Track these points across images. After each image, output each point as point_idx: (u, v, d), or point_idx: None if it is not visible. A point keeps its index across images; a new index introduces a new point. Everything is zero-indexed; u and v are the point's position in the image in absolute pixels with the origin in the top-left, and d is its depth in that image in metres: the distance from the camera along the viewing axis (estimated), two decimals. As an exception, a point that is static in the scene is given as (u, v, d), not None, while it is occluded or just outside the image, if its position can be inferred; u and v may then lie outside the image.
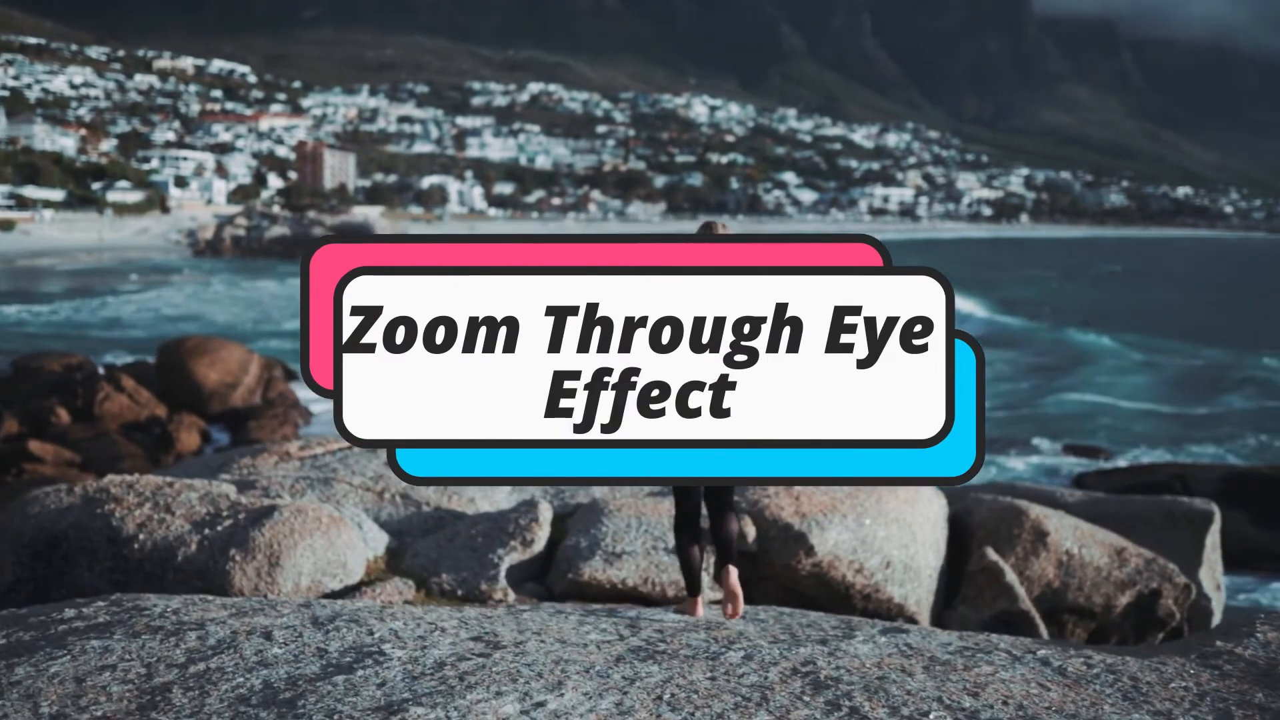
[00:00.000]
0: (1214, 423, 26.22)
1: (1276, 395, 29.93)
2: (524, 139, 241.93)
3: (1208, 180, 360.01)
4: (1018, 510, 8.59)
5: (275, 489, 7.55)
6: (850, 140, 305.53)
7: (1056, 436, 24.73)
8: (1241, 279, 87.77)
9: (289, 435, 24.48)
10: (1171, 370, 33.67)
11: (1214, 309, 55.74)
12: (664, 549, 6.73)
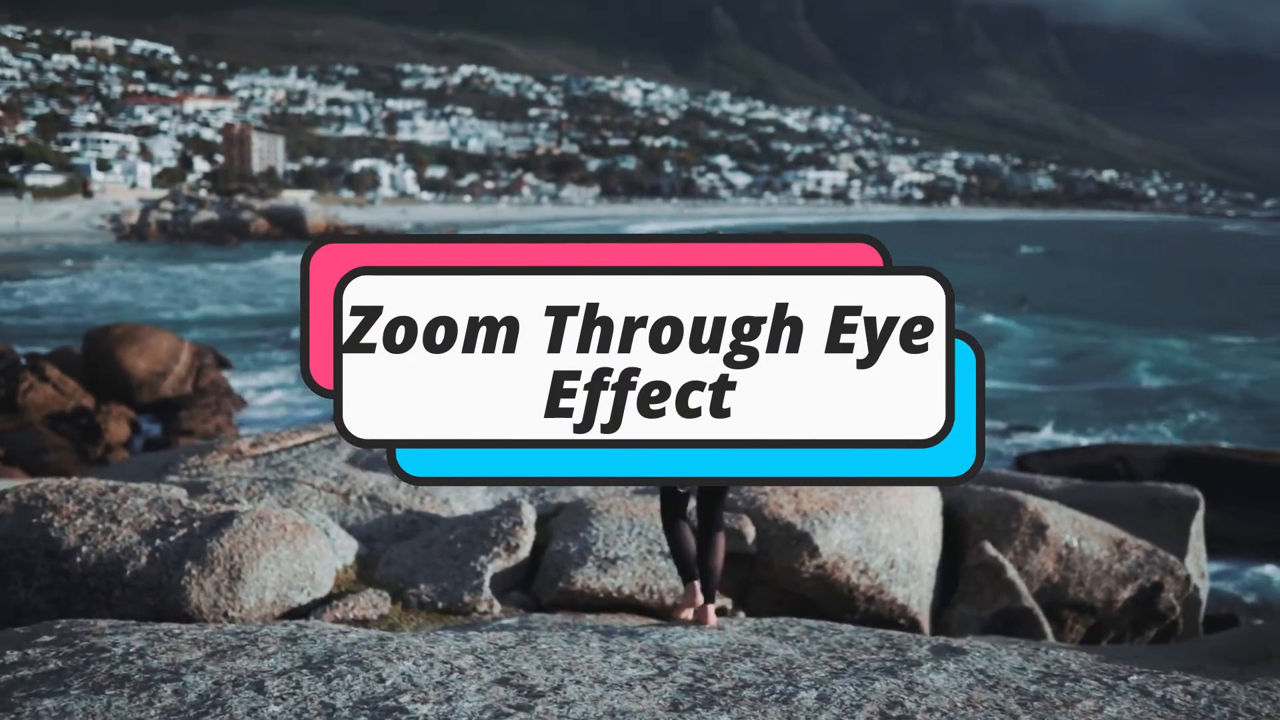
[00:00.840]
0: (1116, 402, 26.14)
1: (1179, 375, 30.02)
2: (456, 122, 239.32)
3: (1131, 164, 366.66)
4: (1014, 502, 8.21)
5: (230, 492, 6.93)
6: (783, 124, 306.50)
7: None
8: (1158, 261, 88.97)
9: (222, 425, 23.67)
10: (1071, 349, 33.61)
11: (1128, 291, 56.26)
12: (660, 553, 6.24)
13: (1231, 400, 26.29)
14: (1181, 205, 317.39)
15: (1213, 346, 34.69)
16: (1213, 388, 27.83)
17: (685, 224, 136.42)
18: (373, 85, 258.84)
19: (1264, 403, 26.30)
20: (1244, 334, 37.86)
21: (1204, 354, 33.42)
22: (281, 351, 31.23)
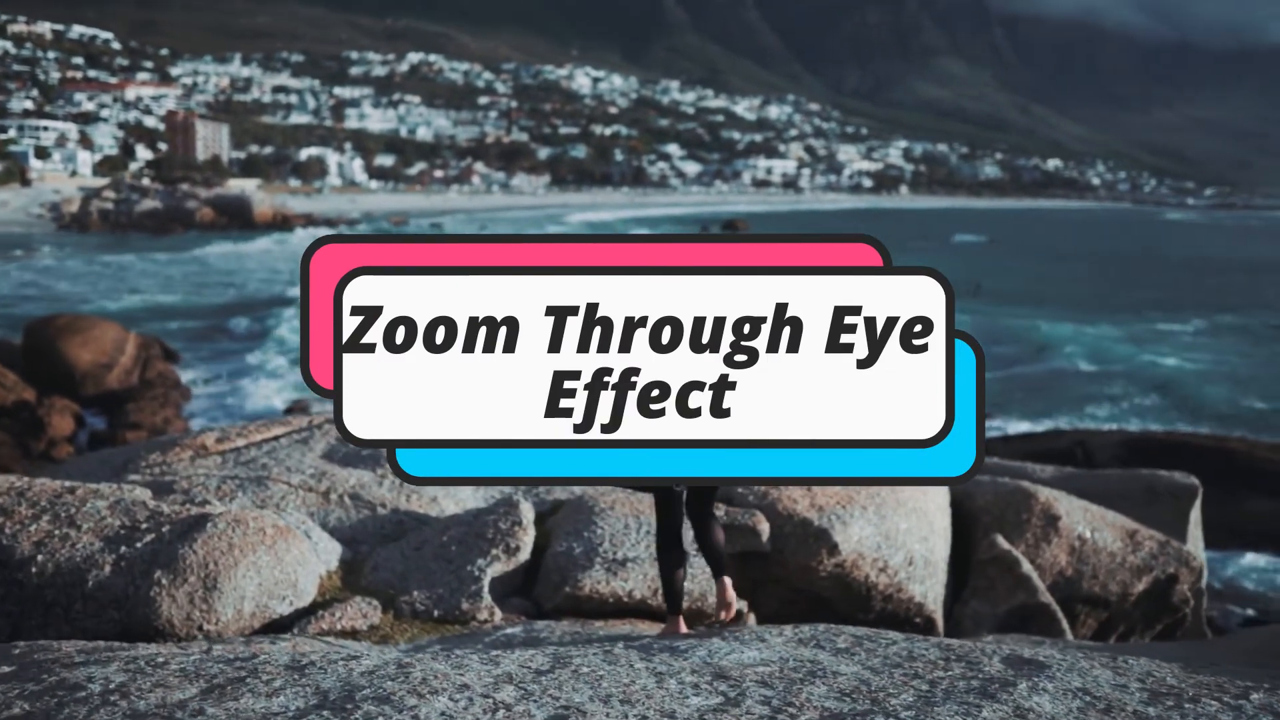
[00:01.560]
0: (1047, 387, 25.97)
1: (1108, 360, 29.96)
2: (404, 110, 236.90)
3: (1076, 153, 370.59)
4: (1025, 493, 7.85)
5: (199, 492, 6.39)
6: (733, 112, 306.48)
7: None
8: (1100, 248, 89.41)
9: (170, 418, 22.90)
10: (1003, 334, 33.49)
11: (1064, 278, 56.41)
12: (671, 553, 5.79)
13: (1158, 384, 26.26)
14: (1125, 194, 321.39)
15: (1144, 331, 34.73)
16: (1143, 371, 27.78)
17: (636, 212, 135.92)
18: (319, 73, 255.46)
19: (1183, 385, 26.31)
20: (1176, 319, 38.02)
21: (1135, 339, 33.47)
22: (231, 342, 30.39)
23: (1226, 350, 32.13)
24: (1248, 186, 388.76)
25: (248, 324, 31.74)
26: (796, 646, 3.94)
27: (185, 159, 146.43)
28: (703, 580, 5.74)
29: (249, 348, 28.16)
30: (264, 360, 26.46)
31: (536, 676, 3.14)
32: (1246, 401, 24.67)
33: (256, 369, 25.27)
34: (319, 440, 7.65)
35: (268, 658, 3.22)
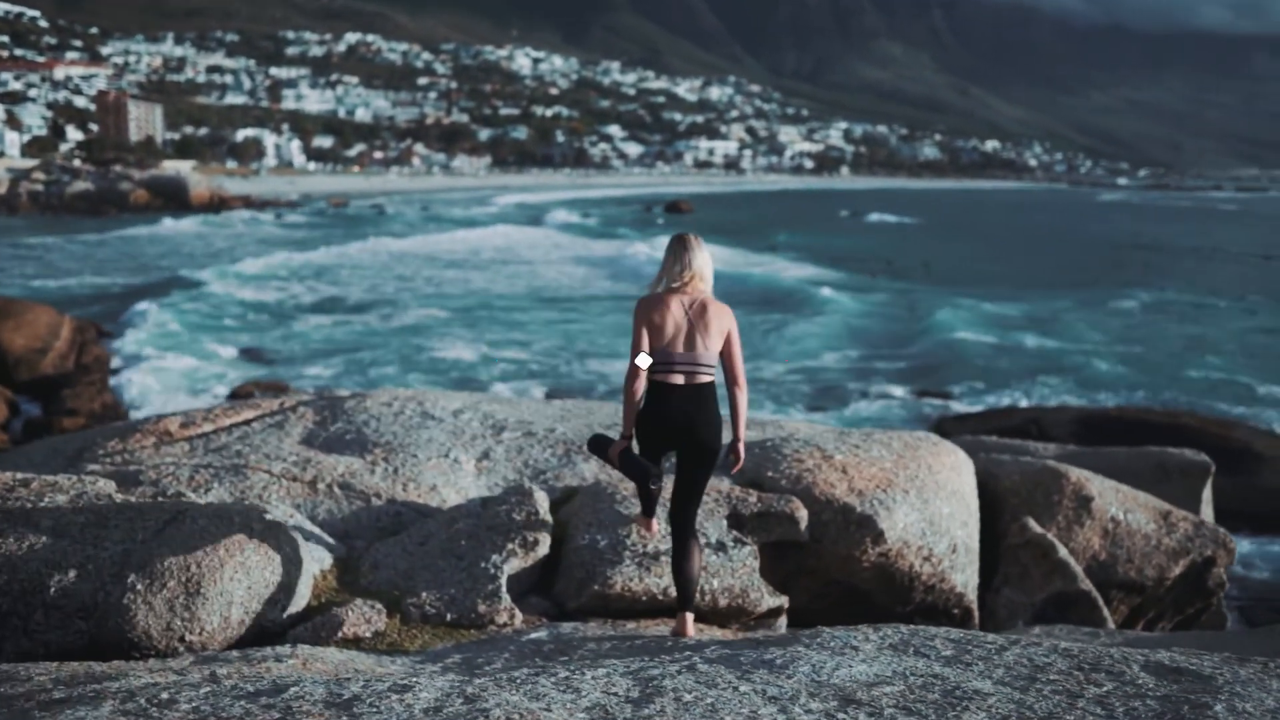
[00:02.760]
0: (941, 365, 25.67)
1: (985, 336, 29.77)
2: (342, 91, 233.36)
3: (1013, 135, 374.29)
4: (1056, 473, 7.36)
5: (169, 483, 5.71)
6: (674, 94, 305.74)
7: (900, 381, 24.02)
8: (1024, 228, 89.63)
9: (109, 403, 21.94)
10: (905, 314, 33.22)
11: (983, 256, 56.39)
12: (706, 543, 5.23)
13: (1048, 361, 26.12)
14: (1061, 175, 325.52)
15: (1044, 309, 34.61)
16: (1025, 348, 27.53)
17: (578, 193, 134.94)
18: (255, 53, 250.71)
19: (1068, 361, 26.22)
20: (1082, 296, 38.04)
21: (1033, 316, 33.36)
22: (171, 322, 29.26)
23: (1134, 326, 32.17)
24: (1179, 167, 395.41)
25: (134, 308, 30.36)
26: (899, 656, 3.40)
27: (117, 140, 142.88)
28: (744, 575, 5.18)
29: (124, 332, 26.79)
30: (138, 349, 25.17)
31: (636, 710, 2.56)
32: (1142, 377, 24.60)
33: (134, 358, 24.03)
34: (295, 424, 6.98)
35: (299, 692, 2.60)
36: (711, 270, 4.70)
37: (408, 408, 7.27)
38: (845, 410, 21.37)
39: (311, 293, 36.03)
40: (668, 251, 4.72)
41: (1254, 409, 21.79)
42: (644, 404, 4.57)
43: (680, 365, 4.51)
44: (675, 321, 4.53)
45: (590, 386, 22.16)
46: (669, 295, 4.59)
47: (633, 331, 4.60)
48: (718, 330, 4.57)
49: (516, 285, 39.05)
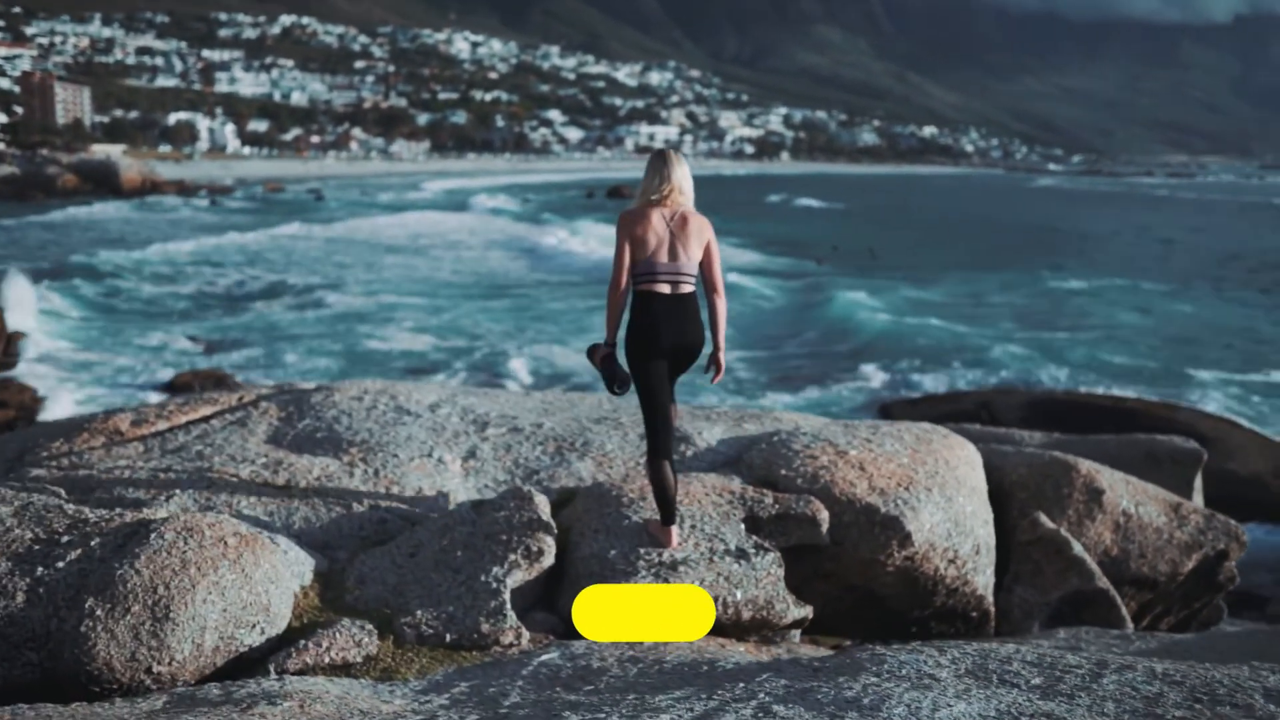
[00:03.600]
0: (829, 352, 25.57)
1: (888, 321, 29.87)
2: (277, 74, 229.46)
3: (950, 120, 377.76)
4: (1065, 465, 7.01)
5: (126, 490, 5.15)
6: (614, 78, 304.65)
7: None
8: (952, 214, 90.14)
9: (29, 402, 21.05)
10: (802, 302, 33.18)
11: (905, 244, 56.68)
12: (725, 550, 4.79)
13: (956, 345, 26.13)
14: (997, 160, 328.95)
15: (953, 293, 34.76)
16: (928, 331, 27.53)
17: (519, 179, 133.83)
18: (186, 34, 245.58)
19: (969, 344, 26.31)
20: (990, 280, 38.30)
21: (971, 299, 33.50)
22: (93, 309, 28.25)
23: (1055, 309, 32.33)
24: (1111, 153, 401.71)
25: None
26: (987, 688, 3.00)
27: (44, 123, 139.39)
28: (768, 585, 4.75)
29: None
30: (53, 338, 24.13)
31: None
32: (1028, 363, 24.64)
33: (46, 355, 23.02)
34: (259, 421, 6.44)
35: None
36: (691, 184, 4.91)
37: (380, 402, 6.76)
38: (790, 396, 21.08)
39: (246, 278, 35.17)
40: (648, 166, 4.94)
41: (1174, 390, 21.86)
42: (630, 315, 4.78)
43: (664, 275, 4.71)
44: (657, 233, 4.74)
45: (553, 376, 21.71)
46: (650, 208, 4.80)
47: (616, 244, 4.79)
48: (698, 241, 4.77)
49: (440, 272, 38.37)
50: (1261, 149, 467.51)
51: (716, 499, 5.11)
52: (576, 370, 22.29)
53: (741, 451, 6.04)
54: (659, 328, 4.68)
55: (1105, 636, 5.66)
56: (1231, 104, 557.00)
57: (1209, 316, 31.64)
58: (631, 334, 4.74)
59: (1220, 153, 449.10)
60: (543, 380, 21.33)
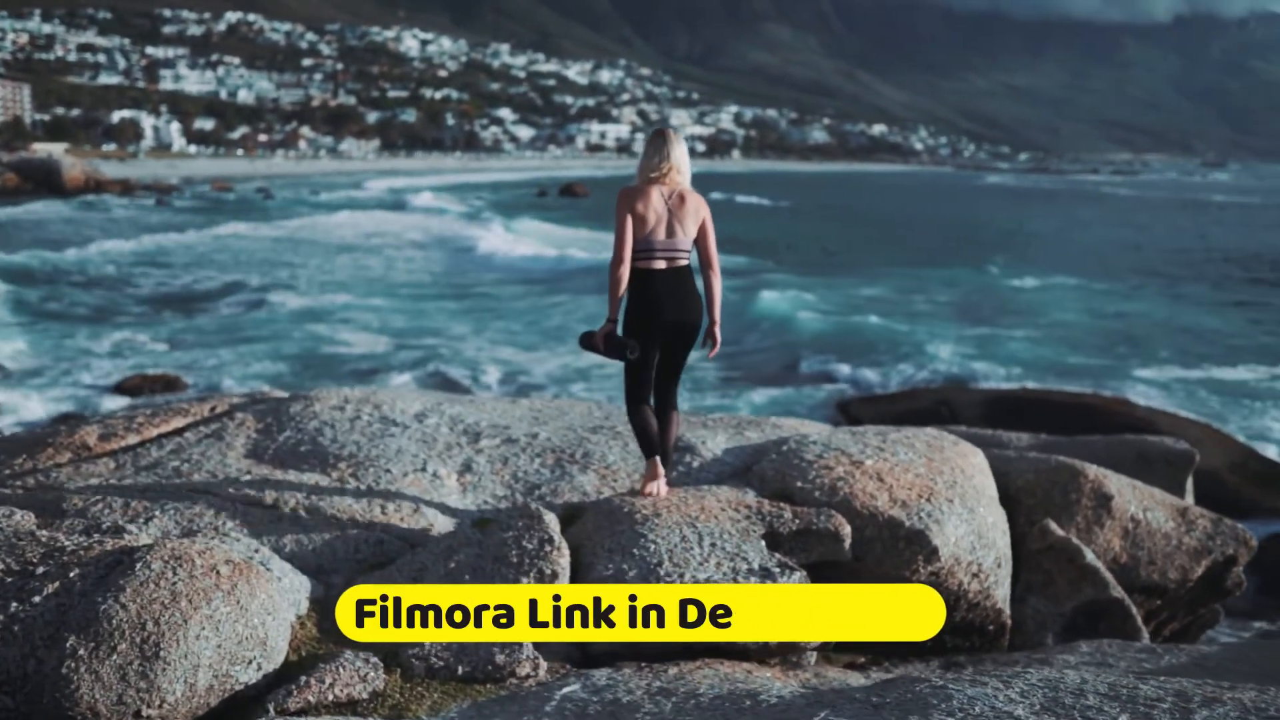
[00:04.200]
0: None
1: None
2: (224, 72, 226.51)
3: (900, 119, 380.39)
4: (1073, 470, 6.82)
5: (102, 513, 4.79)
6: (565, 77, 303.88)
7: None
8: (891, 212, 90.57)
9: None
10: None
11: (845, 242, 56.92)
12: (749, 570, 4.52)
13: (865, 341, 26.20)
14: (946, 158, 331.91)
15: (888, 292, 34.95)
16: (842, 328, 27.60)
17: (470, 177, 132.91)
18: (129, 31, 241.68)
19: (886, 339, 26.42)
20: (917, 277, 38.58)
21: (902, 297, 33.62)
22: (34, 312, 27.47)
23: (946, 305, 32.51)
24: (1057, 151, 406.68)
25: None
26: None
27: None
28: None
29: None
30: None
31: None
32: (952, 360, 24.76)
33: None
34: (236, 434, 6.08)
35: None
36: (688, 163, 5.02)
37: (363, 412, 6.43)
38: (747, 397, 20.85)
39: (195, 279, 34.50)
40: (647, 145, 5.04)
41: (1122, 386, 21.92)
42: (630, 293, 4.91)
43: (661, 251, 4.87)
44: (656, 211, 4.87)
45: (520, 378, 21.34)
46: (649, 186, 4.92)
47: (616, 221, 4.89)
48: (694, 219, 4.93)
49: (371, 271, 37.82)
50: (1202, 147, 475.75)
51: (734, 514, 4.85)
52: (528, 369, 22.01)
53: (750, 462, 5.79)
54: (661, 303, 4.85)
55: (1129, 650, 5.46)
56: (1173, 102, 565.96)
57: (1156, 313, 31.87)
58: (632, 309, 4.89)
59: (1162, 150, 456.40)
60: (509, 382, 21.00)
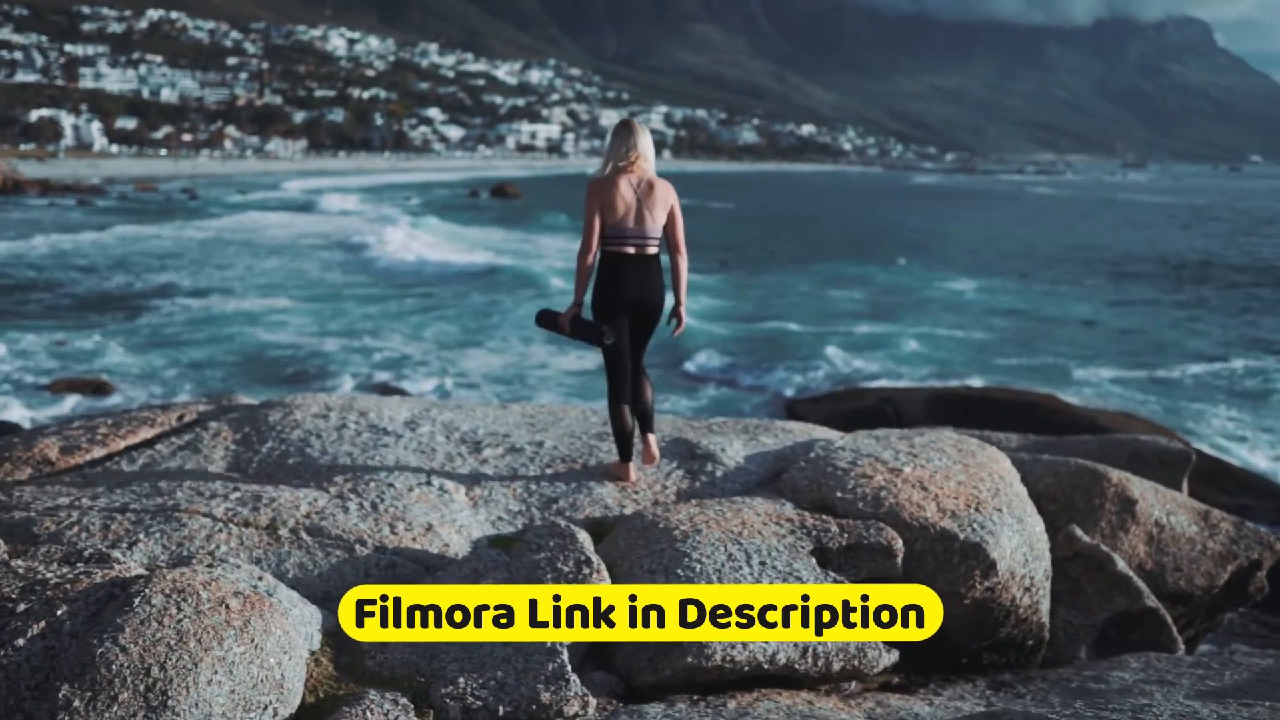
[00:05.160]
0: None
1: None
2: (145, 70, 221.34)
3: (828, 119, 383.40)
4: (1095, 474, 6.55)
5: (80, 538, 4.28)
6: (494, 76, 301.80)
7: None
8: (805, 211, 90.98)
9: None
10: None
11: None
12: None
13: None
14: (874, 158, 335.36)
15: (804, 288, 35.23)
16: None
17: (400, 177, 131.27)
18: (47, 28, 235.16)
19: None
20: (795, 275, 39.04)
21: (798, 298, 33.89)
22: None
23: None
24: (983, 151, 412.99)
25: None
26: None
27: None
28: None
29: None
30: None
31: None
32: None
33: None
34: (213, 445, 5.58)
35: None
36: (653, 151, 5.19)
37: (349, 420, 5.96)
38: (690, 400, 20.52)
39: (122, 280, 33.47)
40: (613, 136, 5.22)
41: (1057, 385, 22.01)
42: (597, 274, 5.07)
43: (631, 238, 5.03)
44: (625, 200, 5.02)
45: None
46: (618, 175, 5.08)
47: (585, 210, 5.06)
48: (663, 206, 5.09)
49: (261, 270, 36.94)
50: (1123, 148, 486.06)
51: (776, 528, 4.47)
52: (469, 372, 21.57)
53: (774, 469, 5.42)
54: (624, 285, 5.02)
55: (1181, 666, 5.17)
56: (1094, 104, 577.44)
57: (1087, 314, 32.16)
58: (598, 291, 5.07)
59: (1085, 151, 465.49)
60: (454, 381, 20.52)
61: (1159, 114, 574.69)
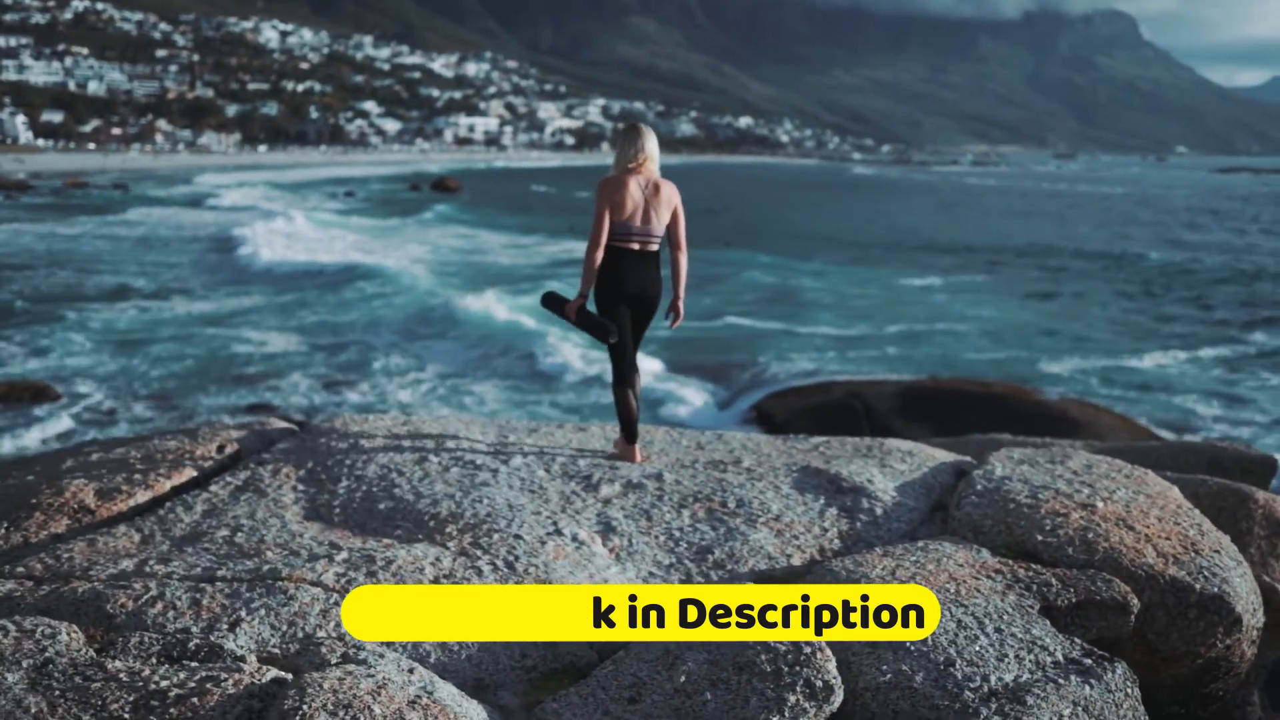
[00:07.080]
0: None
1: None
2: (71, 62, 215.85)
3: (765, 112, 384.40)
4: (1240, 494, 5.95)
5: (165, 617, 3.47)
6: (430, 69, 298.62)
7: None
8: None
9: None
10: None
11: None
12: (1054, 663, 3.45)
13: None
14: (811, 150, 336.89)
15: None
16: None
17: (336, 170, 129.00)
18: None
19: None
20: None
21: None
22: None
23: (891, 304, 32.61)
24: (918, 143, 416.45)
25: None
26: None
27: None
28: (1127, 711, 3.45)
29: None
30: None
31: None
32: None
33: None
34: (278, 484, 4.77)
35: None
36: (658, 152, 5.44)
37: (428, 450, 5.18)
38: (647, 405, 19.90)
39: (59, 279, 32.13)
40: (622, 138, 5.42)
41: (1021, 377, 21.78)
42: (601, 268, 5.26)
43: (637, 236, 5.27)
44: (634, 199, 5.25)
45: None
46: (627, 176, 5.29)
47: (595, 208, 5.24)
48: (668, 206, 5.34)
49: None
50: (1054, 139, 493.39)
51: (990, 583, 3.78)
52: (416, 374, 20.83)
53: (931, 503, 4.74)
54: (626, 277, 5.25)
55: None
56: (1026, 96, 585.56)
57: (1043, 306, 32.03)
58: (601, 284, 5.29)
59: (1017, 142, 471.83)
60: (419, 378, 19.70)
61: (1088, 106, 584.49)
